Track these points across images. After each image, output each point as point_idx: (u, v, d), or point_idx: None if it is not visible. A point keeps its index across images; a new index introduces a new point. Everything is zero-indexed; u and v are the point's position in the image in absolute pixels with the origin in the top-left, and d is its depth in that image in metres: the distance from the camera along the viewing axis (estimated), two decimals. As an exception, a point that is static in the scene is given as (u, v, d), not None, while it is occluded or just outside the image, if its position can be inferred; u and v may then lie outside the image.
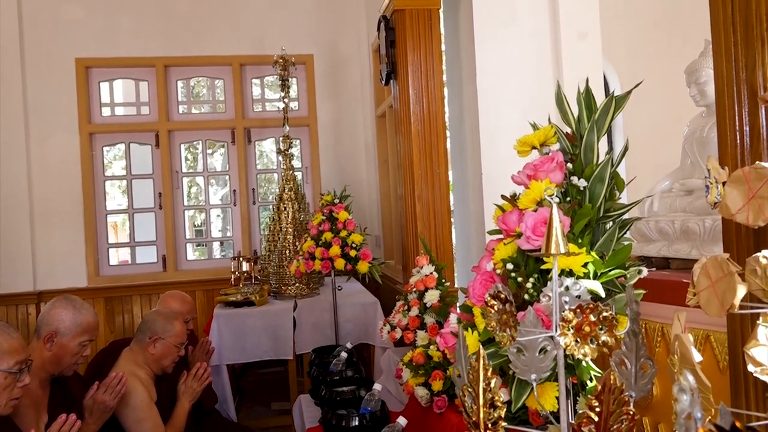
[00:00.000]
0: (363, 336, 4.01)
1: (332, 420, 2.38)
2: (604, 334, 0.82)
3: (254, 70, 5.64)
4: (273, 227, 4.48)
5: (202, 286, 5.28)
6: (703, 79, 2.35)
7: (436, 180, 3.52)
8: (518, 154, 1.36)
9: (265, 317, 3.91)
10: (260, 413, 4.51)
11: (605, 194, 1.27)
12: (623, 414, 0.76)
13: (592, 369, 1.13)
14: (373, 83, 5.33)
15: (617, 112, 1.28)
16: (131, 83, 5.68)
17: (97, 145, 5.40)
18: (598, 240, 1.26)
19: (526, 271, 1.18)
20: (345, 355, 3.07)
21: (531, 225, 1.15)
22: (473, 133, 3.32)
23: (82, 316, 2.35)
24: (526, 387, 1.03)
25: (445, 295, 2.72)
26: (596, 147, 1.28)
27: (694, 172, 2.39)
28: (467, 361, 0.90)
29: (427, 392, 2.30)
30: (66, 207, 5.21)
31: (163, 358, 2.85)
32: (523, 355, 0.92)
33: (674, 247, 2.24)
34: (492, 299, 0.88)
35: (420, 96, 3.53)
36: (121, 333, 5.11)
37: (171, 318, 2.92)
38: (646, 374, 0.87)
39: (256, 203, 5.65)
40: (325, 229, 3.61)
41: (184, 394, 2.91)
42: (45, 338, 2.27)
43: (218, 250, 6.60)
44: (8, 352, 1.84)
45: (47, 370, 2.29)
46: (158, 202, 5.46)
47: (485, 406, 0.81)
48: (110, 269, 5.41)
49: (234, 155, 5.58)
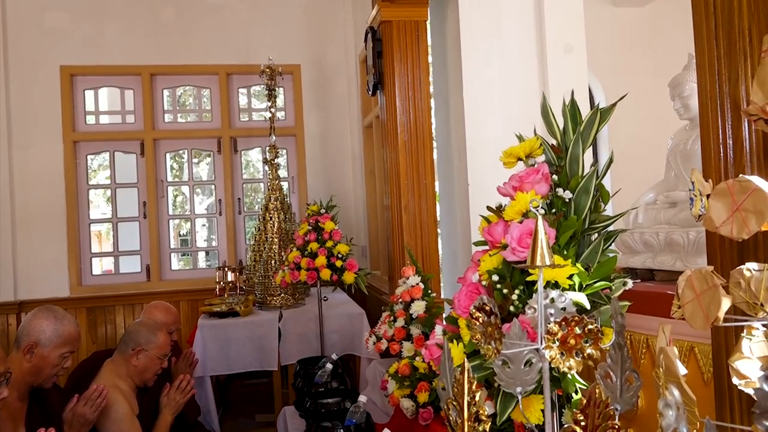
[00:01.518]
0: (349, 347, 3.99)
1: (317, 432, 2.35)
2: (590, 347, 0.82)
3: (241, 80, 5.63)
4: (259, 237, 4.46)
5: (186, 296, 5.23)
6: (687, 93, 2.38)
7: (423, 191, 3.52)
8: (504, 166, 1.36)
9: (249, 328, 3.88)
10: (244, 425, 4.46)
11: (590, 206, 1.27)
12: (609, 427, 0.75)
13: (577, 381, 1.12)
14: (360, 94, 5.34)
15: (602, 124, 1.28)
16: (116, 91, 5.64)
17: (81, 154, 5.35)
18: (583, 252, 1.26)
19: (511, 283, 1.18)
20: (330, 367, 3.04)
21: (516, 236, 1.15)
22: (459, 144, 3.33)
23: (64, 327, 2.32)
24: (512, 400, 1.02)
25: (431, 306, 2.72)
26: (581, 159, 1.29)
27: (678, 185, 2.41)
28: (452, 374, 0.89)
29: (412, 404, 2.29)
30: (49, 216, 5.15)
31: (146, 370, 2.81)
32: (508, 367, 0.92)
33: (659, 258, 2.25)
34: (477, 311, 0.88)
35: (407, 107, 3.54)
36: (104, 344, 5.04)
37: (155, 329, 2.88)
38: (632, 387, 0.87)
39: (242, 213, 5.62)
40: (311, 240, 3.60)
41: (167, 407, 2.87)
42: (25, 349, 2.23)
43: (203, 260, 6.56)
44: (-15, 364, 1.81)
45: (26, 381, 2.25)
46: (143, 211, 5.41)
47: (470, 419, 0.80)
48: (93, 279, 5.35)
49: (220, 164, 5.55)
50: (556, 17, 3.18)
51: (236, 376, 4.98)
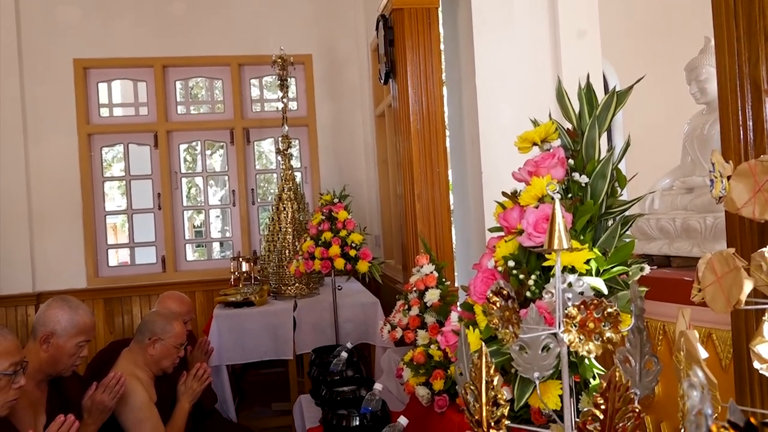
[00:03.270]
0: (363, 336, 4.00)
1: (333, 420, 2.36)
2: (609, 330, 0.81)
3: (253, 71, 5.63)
4: (272, 227, 4.47)
5: (201, 286, 5.26)
6: (704, 77, 2.35)
7: (436, 179, 3.51)
8: (519, 151, 1.35)
9: (264, 317, 3.90)
10: (260, 413, 4.50)
11: (607, 190, 1.26)
12: (629, 411, 0.75)
13: (595, 367, 1.11)
14: (371, 83, 5.32)
15: (619, 108, 1.26)
16: (129, 84, 5.66)
17: (96, 146, 5.39)
18: (599, 237, 1.25)
19: (527, 268, 1.17)
20: (345, 355, 3.05)
21: (532, 222, 1.14)
22: (472, 132, 3.31)
23: (79, 317, 2.34)
24: (529, 385, 1.02)
25: (445, 294, 2.71)
26: (598, 143, 1.27)
27: (694, 170, 2.38)
28: (469, 359, 0.89)
29: (428, 392, 2.29)
30: (65, 208, 5.20)
31: (163, 358, 2.84)
32: (525, 352, 0.91)
33: (675, 245, 2.23)
34: (494, 296, 0.87)
35: (419, 95, 3.53)
36: (121, 334, 5.09)
37: (170, 319, 2.91)
38: (651, 371, 0.86)
39: (256, 203, 5.64)
40: (324, 229, 3.60)
41: (184, 395, 2.90)
42: (41, 339, 2.25)
43: (217, 251, 6.59)
44: (2, 354, 1.83)
45: (44, 371, 2.28)
46: (157, 202, 5.45)
47: (488, 404, 0.79)
48: (109, 270, 5.40)
49: (233, 155, 5.57)
50: (569, 2, 3.14)
51: (252, 366, 5.01)
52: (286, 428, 4.01)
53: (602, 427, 0.75)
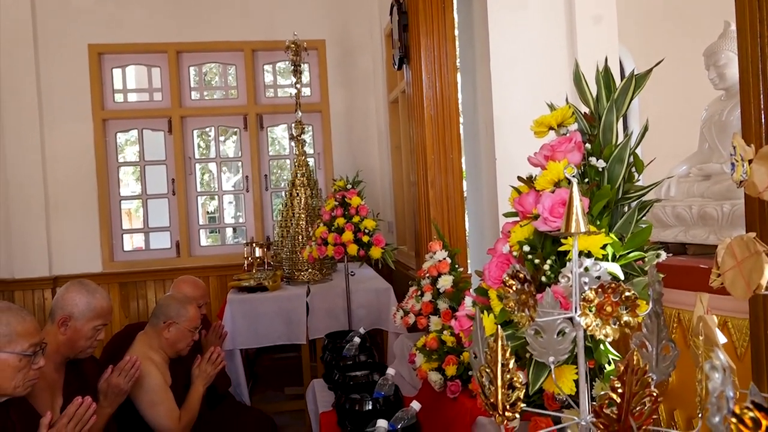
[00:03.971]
0: (376, 321, 4.01)
1: (346, 404, 2.38)
2: (627, 314, 0.81)
3: (266, 56, 5.62)
4: (286, 213, 4.49)
5: (215, 271, 5.30)
6: (723, 62, 2.31)
7: (449, 165, 3.49)
8: (535, 135, 1.34)
9: (278, 302, 3.92)
10: (273, 397, 4.54)
11: (624, 175, 1.25)
12: (646, 395, 0.74)
13: (610, 352, 1.11)
14: (385, 68, 5.30)
15: (637, 91, 1.25)
16: (144, 69, 5.68)
17: (111, 132, 5.42)
18: (616, 222, 1.24)
19: (543, 253, 1.16)
20: (358, 340, 3.07)
21: (548, 206, 1.13)
22: (486, 118, 3.29)
23: (96, 301, 2.36)
24: (544, 370, 1.02)
25: (458, 281, 2.71)
26: (615, 127, 1.26)
27: (712, 157, 2.35)
28: (484, 342, 0.89)
29: (440, 377, 2.30)
30: (80, 193, 5.24)
31: (178, 342, 2.86)
32: (540, 337, 0.91)
33: (691, 232, 2.21)
34: (510, 279, 0.87)
35: (433, 81, 3.50)
36: (136, 318, 5.15)
37: (185, 303, 2.93)
38: (668, 357, 0.85)
39: (269, 189, 5.66)
40: (337, 215, 3.61)
41: (198, 378, 2.93)
42: (59, 322, 2.28)
43: (231, 237, 6.63)
44: (22, 335, 1.85)
45: (62, 353, 2.31)
46: (171, 188, 5.48)
47: (503, 387, 0.79)
48: (124, 255, 5.45)
49: (246, 141, 5.58)
50: (585, -14, 3.10)
51: (265, 350, 5.05)
52: (299, 412, 4.04)
53: (619, 411, 0.75)
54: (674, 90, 4.36)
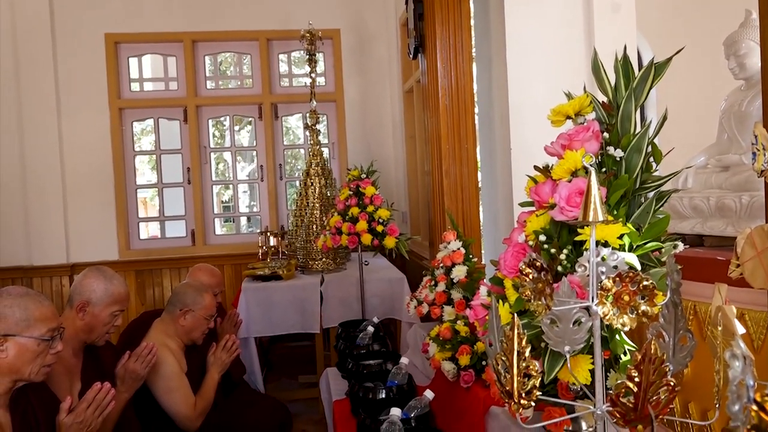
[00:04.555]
0: (389, 311, 4.02)
1: (359, 392, 2.39)
2: (644, 303, 0.80)
3: (281, 45, 5.62)
4: (300, 202, 4.50)
5: (230, 260, 5.34)
6: (743, 51, 2.28)
7: (464, 155, 3.48)
8: (552, 124, 1.33)
9: (292, 291, 3.94)
10: (287, 385, 4.57)
11: (642, 165, 1.24)
12: (663, 385, 0.74)
13: (626, 343, 1.10)
14: (400, 58, 5.28)
15: (656, 80, 1.23)
16: (159, 58, 5.71)
17: (127, 121, 5.46)
18: (633, 213, 1.23)
19: (559, 243, 1.16)
20: (372, 329, 3.08)
21: (565, 195, 1.12)
22: (502, 108, 3.27)
23: (113, 287, 2.39)
24: (559, 359, 1.01)
25: (472, 271, 2.71)
26: (634, 116, 1.25)
27: (730, 148, 2.32)
28: (500, 331, 0.89)
29: (453, 366, 2.30)
30: (97, 182, 5.29)
31: (193, 329, 2.89)
32: (556, 326, 0.90)
33: (709, 224, 2.19)
34: (527, 267, 0.86)
35: (448, 70, 3.48)
36: (152, 305, 5.20)
37: (201, 290, 2.95)
38: (685, 347, 0.85)
39: (283, 179, 5.67)
40: (352, 204, 3.61)
41: (213, 365, 2.96)
42: (77, 307, 2.31)
43: (245, 226, 6.66)
44: (40, 319, 1.87)
45: (80, 338, 2.34)
46: (187, 177, 5.51)
47: (519, 375, 0.79)
48: (141, 243, 5.50)
49: (261, 131, 5.59)
50: (604, -26, 3.06)
51: (279, 339, 5.09)
52: (313, 400, 4.07)
53: (636, 400, 0.74)
54: (693, 80, 4.31)
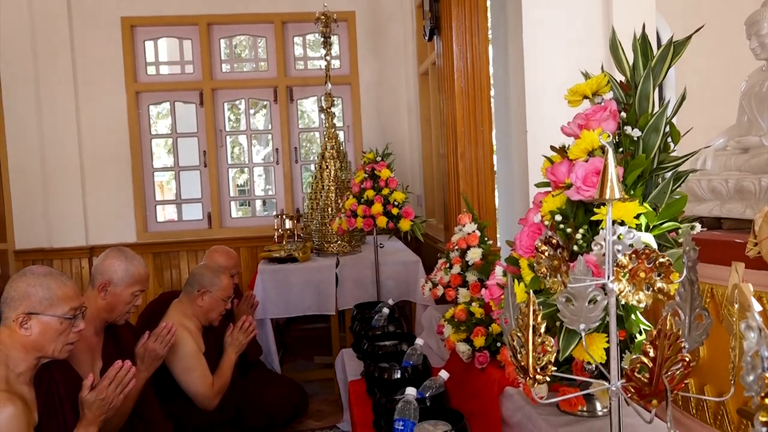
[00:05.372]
0: (404, 293, 4.04)
1: (375, 372, 2.41)
2: (660, 280, 0.80)
3: (296, 28, 5.61)
4: (315, 185, 4.52)
5: (246, 243, 5.38)
6: (765, 31, 2.25)
7: (480, 138, 3.47)
8: (569, 104, 1.32)
9: (308, 273, 3.97)
10: (303, 366, 4.62)
11: (660, 145, 1.23)
12: (678, 360, 0.75)
13: (641, 322, 1.11)
14: (415, 40, 5.25)
15: (675, 59, 1.22)
16: (175, 42, 5.72)
17: (143, 104, 5.49)
18: (650, 193, 1.22)
19: (575, 223, 1.16)
20: (387, 311, 3.10)
21: (582, 175, 1.12)
22: (518, 90, 3.25)
23: (134, 268, 2.43)
24: (574, 337, 1.02)
25: (487, 254, 2.71)
26: (652, 96, 1.24)
27: (750, 130, 2.30)
28: (516, 308, 0.89)
29: (468, 348, 2.31)
30: (115, 165, 5.34)
31: (211, 310, 2.93)
32: (572, 304, 0.91)
33: (727, 206, 2.18)
34: (543, 245, 0.87)
35: (464, 52, 3.46)
36: (169, 287, 5.26)
37: (218, 272, 2.99)
38: (701, 325, 0.85)
39: (299, 162, 5.69)
40: (367, 187, 3.62)
41: (231, 346, 3.00)
42: (99, 287, 2.35)
43: (261, 209, 6.70)
44: (62, 298, 1.91)
45: (101, 318, 2.38)
46: (203, 160, 5.54)
47: (534, 350, 0.80)
48: (158, 226, 5.56)
49: (276, 114, 5.60)
50: (623, -48, 3.02)
51: (295, 321, 5.14)
52: (328, 381, 4.12)
53: (650, 375, 0.75)
54: (713, 60, 4.25)
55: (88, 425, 1.96)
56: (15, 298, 1.87)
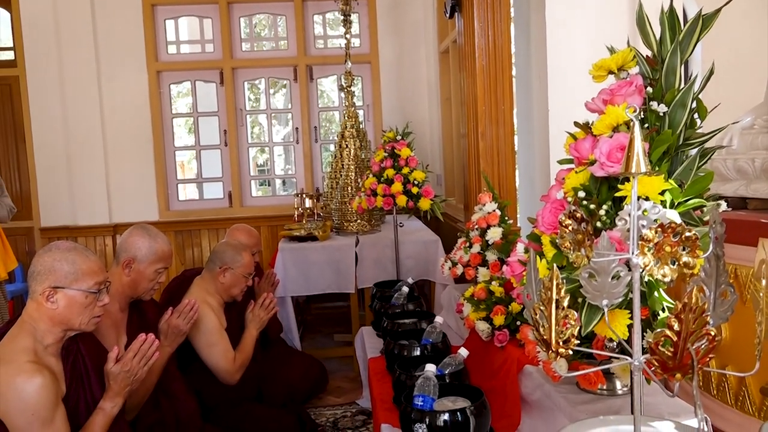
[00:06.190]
0: (423, 273, 4.05)
1: (394, 350, 2.43)
2: (686, 254, 0.80)
3: (315, 6, 5.58)
4: (335, 164, 4.52)
5: (266, 221, 5.42)
6: (796, 6, 2.19)
7: (501, 117, 3.43)
8: (593, 79, 1.31)
9: (328, 252, 3.99)
10: (323, 344, 4.67)
11: (686, 121, 1.21)
12: (703, 334, 0.74)
13: (664, 299, 1.10)
14: (436, 18, 5.19)
15: (704, 33, 1.20)
16: (195, 21, 5.72)
17: (165, 83, 5.51)
18: (676, 169, 1.21)
19: (598, 199, 1.15)
20: (406, 290, 3.11)
21: (606, 151, 1.11)
22: (540, 68, 3.21)
23: (157, 245, 2.46)
24: (596, 313, 1.02)
25: (507, 233, 2.71)
26: (679, 70, 1.21)
27: (779, 107, 2.25)
28: (538, 283, 0.89)
29: (488, 326, 2.32)
30: (137, 144, 5.39)
31: (233, 287, 2.97)
32: (595, 280, 0.91)
33: (753, 186, 2.14)
34: (567, 219, 0.86)
35: (485, 30, 3.41)
36: (191, 265, 5.33)
37: (240, 249, 3.02)
38: (726, 301, 0.84)
39: (318, 141, 5.69)
40: (387, 166, 3.62)
41: (252, 322, 3.04)
42: (123, 264, 2.39)
43: (281, 188, 6.74)
44: (87, 273, 1.94)
45: (126, 294, 2.42)
46: (223, 139, 5.57)
47: (557, 324, 0.80)
48: (179, 204, 5.62)
49: (296, 93, 5.60)
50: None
51: (314, 300, 5.18)
52: (348, 358, 4.16)
53: (674, 349, 0.75)
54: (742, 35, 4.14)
55: (114, 396, 2.00)
56: (41, 272, 1.91)
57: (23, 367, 1.78)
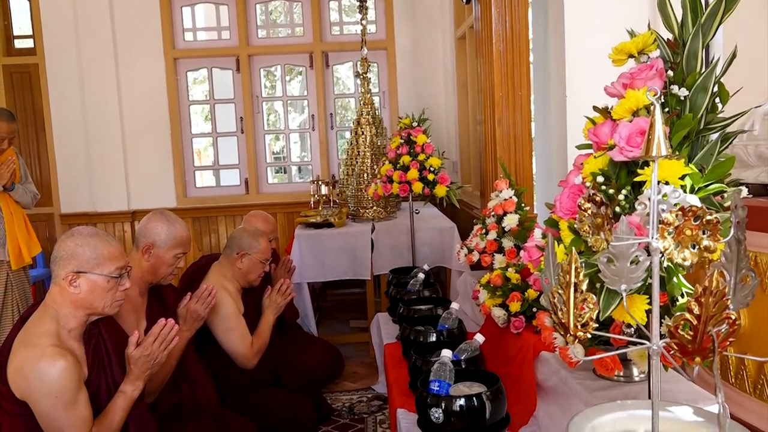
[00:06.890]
0: (439, 259, 4.05)
1: (410, 335, 2.44)
2: (707, 238, 0.79)
3: (332, -8, 5.56)
4: (351, 151, 4.52)
5: (282, 208, 5.44)
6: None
7: (518, 103, 3.40)
8: (613, 63, 1.29)
9: (344, 238, 4.01)
10: (339, 330, 4.70)
11: (707, 106, 1.20)
12: (723, 318, 0.74)
13: (683, 285, 1.09)
14: (452, 3, 5.15)
15: (727, 15, 1.18)
16: (212, 8, 5.73)
17: (181, 70, 5.54)
18: (696, 154, 1.20)
19: (617, 185, 1.14)
20: (422, 276, 3.12)
21: (626, 135, 1.10)
22: (558, 54, 3.18)
23: (176, 230, 2.48)
24: (615, 298, 1.01)
25: (524, 220, 2.70)
26: (701, 54, 1.20)
27: (803, 92, 2.21)
28: (556, 268, 0.89)
29: (504, 312, 2.32)
30: (154, 131, 5.43)
31: (250, 272, 2.99)
32: (613, 264, 0.90)
33: (775, 172, 2.11)
34: (586, 202, 0.86)
35: (503, 15, 3.38)
36: (209, 251, 5.37)
37: (257, 235, 3.04)
38: (747, 286, 0.84)
39: (334, 128, 5.70)
40: (403, 153, 3.61)
41: (269, 308, 3.07)
42: (143, 249, 2.42)
43: (297, 175, 6.76)
44: (108, 258, 1.97)
45: (146, 279, 2.45)
46: (240, 126, 5.59)
47: (576, 307, 0.80)
48: (197, 191, 5.66)
49: (312, 80, 5.60)
50: None
51: (331, 287, 5.21)
52: (363, 344, 4.18)
53: (694, 333, 0.74)
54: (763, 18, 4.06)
55: (135, 380, 2.04)
56: (64, 257, 1.94)
57: (47, 351, 1.82)
